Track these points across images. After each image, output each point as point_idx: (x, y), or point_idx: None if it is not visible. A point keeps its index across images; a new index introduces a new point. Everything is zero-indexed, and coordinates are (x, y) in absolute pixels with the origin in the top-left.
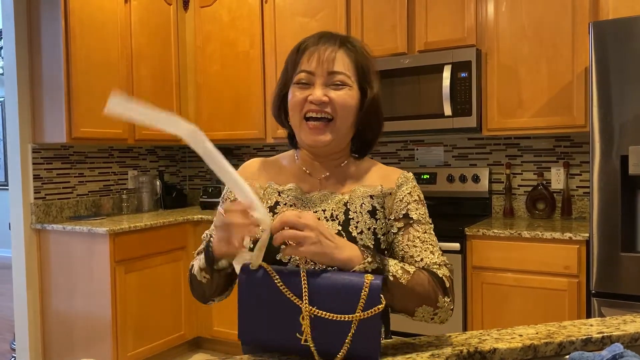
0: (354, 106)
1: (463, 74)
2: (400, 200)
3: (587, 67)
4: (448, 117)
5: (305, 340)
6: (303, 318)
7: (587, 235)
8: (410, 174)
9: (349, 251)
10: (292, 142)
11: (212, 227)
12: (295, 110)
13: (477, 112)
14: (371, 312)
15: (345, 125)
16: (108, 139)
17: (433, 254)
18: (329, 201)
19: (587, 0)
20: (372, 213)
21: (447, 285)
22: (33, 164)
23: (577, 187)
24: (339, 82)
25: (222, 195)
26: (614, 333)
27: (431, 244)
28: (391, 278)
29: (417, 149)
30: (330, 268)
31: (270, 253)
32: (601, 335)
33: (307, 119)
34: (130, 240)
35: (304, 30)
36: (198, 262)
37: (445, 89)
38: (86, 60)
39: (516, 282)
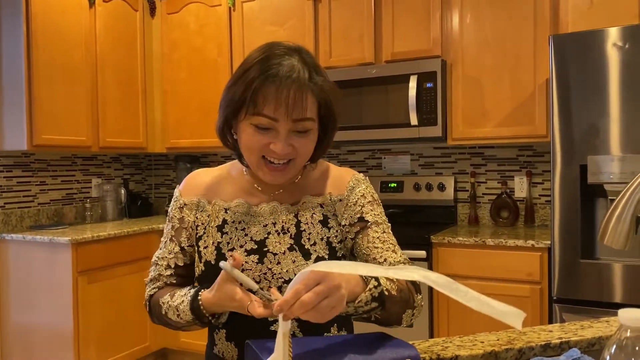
0: (314, 145)
1: (429, 84)
2: (354, 204)
3: (548, 79)
4: (414, 126)
5: None
6: None
7: (549, 242)
8: (361, 175)
9: (351, 283)
10: (241, 158)
11: (161, 250)
12: (253, 153)
13: (442, 122)
14: None
15: (304, 161)
16: (71, 146)
17: (395, 253)
18: (279, 213)
19: (547, 14)
20: (324, 222)
21: (417, 282)
22: None
23: (539, 195)
24: (303, 130)
25: (168, 213)
26: (572, 338)
27: (392, 243)
28: (386, 293)
29: (385, 158)
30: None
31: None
32: (560, 340)
33: (265, 159)
34: (93, 250)
35: (272, 39)
36: (172, 311)
37: (411, 98)
38: (49, 66)
39: (481, 289)
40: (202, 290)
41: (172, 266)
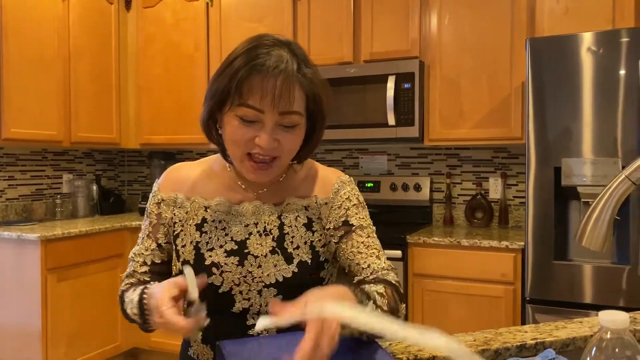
0: (301, 142)
1: (407, 85)
2: (339, 207)
3: (524, 82)
4: (392, 126)
5: None
6: None
7: (523, 243)
8: (347, 177)
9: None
10: (225, 154)
11: (139, 246)
12: (238, 146)
13: (419, 123)
14: None
15: (288, 160)
16: (41, 140)
17: (379, 259)
18: (261, 214)
19: (524, 17)
20: (308, 226)
21: (401, 290)
22: None
23: (513, 197)
24: (290, 124)
25: (146, 208)
26: (547, 339)
27: (376, 248)
28: (379, 310)
29: (362, 158)
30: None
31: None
32: (535, 341)
33: (250, 155)
34: (63, 247)
35: (250, 35)
36: (129, 305)
37: (389, 99)
38: (20, 58)
39: (455, 289)
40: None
41: (149, 263)
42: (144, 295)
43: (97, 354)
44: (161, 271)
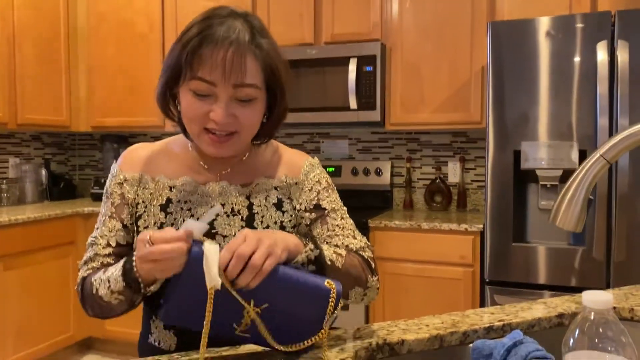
0: (260, 117)
1: (368, 68)
2: (310, 190)
3: (484, 66)
4: (353, 110)
5: (242, 331)
6: (247, 314)
7: (482, 226)
8: (316, 160)
9: (289, 242)
10: (186, 132)
11: (100, 229)
12: (194, 122)
13: (381, 107)
14: (331, 324)
15: (250, 135)
16: None
17: (355, 238)
18: (229, 194)
19: (485, 1)
20: (278, 206)
21: (373, 266)
22: None
23: (471, 180)
24: (245, 98)
25: (106, 190)
26: (513, 320)
27: (350, 229)
28: (328, 262)
29: (323, 142)
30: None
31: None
32: (502, 323)
33: (208, 130)
34: (10, 235)
35: None
36: (103, 285)
37: (351, 82)
38: None
39: (415, 272)
40: None
41: (113, 245)
42: (134, 263)
43: (48, 345)
44: (125, 253)
